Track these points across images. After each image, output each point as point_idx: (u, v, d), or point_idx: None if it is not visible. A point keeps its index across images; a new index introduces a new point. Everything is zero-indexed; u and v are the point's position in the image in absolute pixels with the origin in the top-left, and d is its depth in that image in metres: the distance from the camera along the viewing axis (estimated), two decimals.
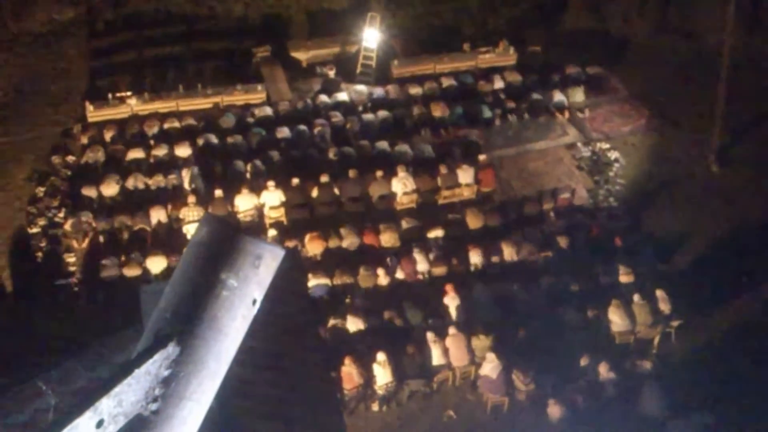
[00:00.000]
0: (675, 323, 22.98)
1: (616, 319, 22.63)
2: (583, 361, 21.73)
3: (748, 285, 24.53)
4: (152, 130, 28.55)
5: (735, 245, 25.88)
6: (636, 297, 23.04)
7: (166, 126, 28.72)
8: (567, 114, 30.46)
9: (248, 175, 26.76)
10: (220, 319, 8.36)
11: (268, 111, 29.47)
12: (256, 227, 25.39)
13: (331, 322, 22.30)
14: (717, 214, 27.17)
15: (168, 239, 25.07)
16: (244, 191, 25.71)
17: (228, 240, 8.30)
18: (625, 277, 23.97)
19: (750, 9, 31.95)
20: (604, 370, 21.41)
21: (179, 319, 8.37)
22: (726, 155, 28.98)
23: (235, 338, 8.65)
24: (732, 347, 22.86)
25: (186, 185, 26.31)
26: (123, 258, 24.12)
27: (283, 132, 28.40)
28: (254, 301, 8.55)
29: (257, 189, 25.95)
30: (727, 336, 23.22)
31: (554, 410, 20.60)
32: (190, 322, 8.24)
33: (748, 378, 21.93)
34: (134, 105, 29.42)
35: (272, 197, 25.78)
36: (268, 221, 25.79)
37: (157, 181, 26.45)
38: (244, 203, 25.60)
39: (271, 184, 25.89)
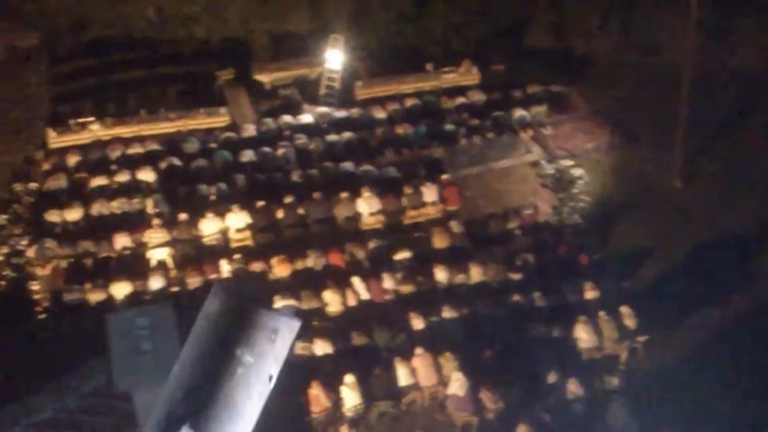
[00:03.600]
0: (641, 339, 23.10)
1: (583, 336, 22.72)
2: (551, 379, 21.76)
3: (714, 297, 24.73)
4: (115, 155, 28.38)
5: (699, 260, 26.06)
6: (602, 313, 23.16)
7: (129, 151, 28.58)
8: (530, 132, 30.55)
9: (213, 199, 26.63)
10: (235, 398, 7.98)
11: (232, 134, 29.40)
12: (222, 251, 25.27)
13: (299, 345, 22.17)
14: (681, 229, 27.31)
15: (133, 264, 24.88)
16: (209, 215, 25.62)
17: (242, 313, 7.91)
18: (590, 294, 24.07)
19: (711, 24, 32.19)
20: (572, 387, 21.48)
21: (192, 399, 8.01)
22: (690, 170, 29.17)
23: (251, 418, 8.24)
24: (698, 361, 22.98)
25: (150, 209, 26.13)
26: (87, 284, 23.91)
27: (248, 155, 28.33)
28: (270, 377, 8.18)
29: (222, 212, 25.84)
30: (693, 350, 23.35)
31: (522, 430, 20.56)
32: (204, 404, 7.89)
33: (715, 392, 22.05)
34: (97, 130, 29.26)
35: (237, 220, 25.70)
36: (233, 244, 25.67)
37: (121, 205, 26.25)
38: (209, 227, 25.50)
39: (236, 207, 25.80)
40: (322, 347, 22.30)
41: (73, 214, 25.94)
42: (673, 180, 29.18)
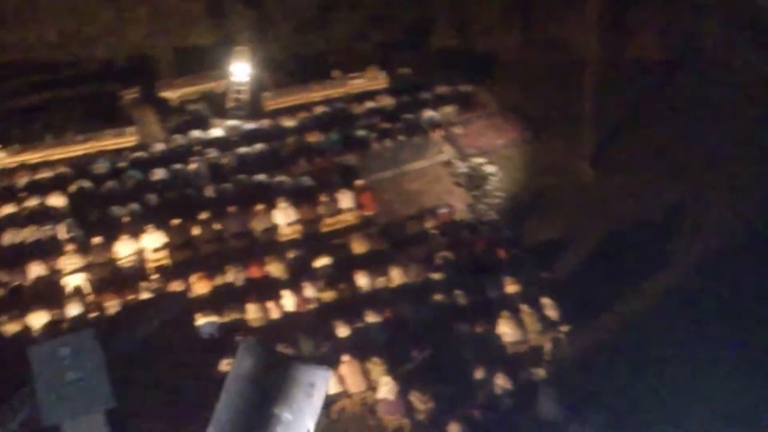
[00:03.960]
0: (564, 328, 23.35)
1: (507, 330, 22.89)
2: (478, 375, 21.89)
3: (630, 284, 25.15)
4: (23, 181, 27.83)
5: (614, 247, 26.47)
6: (524, 306, 23.37)
7: (37, 177, 28.03)
8: (441, 132, 30.73)
9: (126, 220, 26.26)
10: None
11: (141, 153, 29.06)
12: (139, 272, 24.95)
13: (224, 362, 21.96)
14: (594, 217, 27.70)
15: (48, 292, 24.40)
16: (124, 237, 25.26)
17: (277, 370, 7.65)
18: (511, 288, 24.26)
19: (614, 14, 32.81)
20: (499, 382, 21.63)
21: None
22: (599, 160, 29.64)
23: None
24: (620, 347, 23.36)
25: (62, 235, 25.66)
26: (3, 315, 23.37)
27: (159, 173, 28.01)
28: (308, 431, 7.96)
29: (137, 233, 25.49)
30: (615, 336, 23.71)
31: (454, 428, 20.66)
32: None
33: (639, 376, 22.47)
34: (2, 158, 28.66)
35: (153, 240, 25.37)
36: (150, 265, 25.34)
37: (33, 233, 25.74)
38: (125, 249, 25.14)
39: (150, 227, 25.48)
40: None
41: None
42: (583, 170, 29.58)
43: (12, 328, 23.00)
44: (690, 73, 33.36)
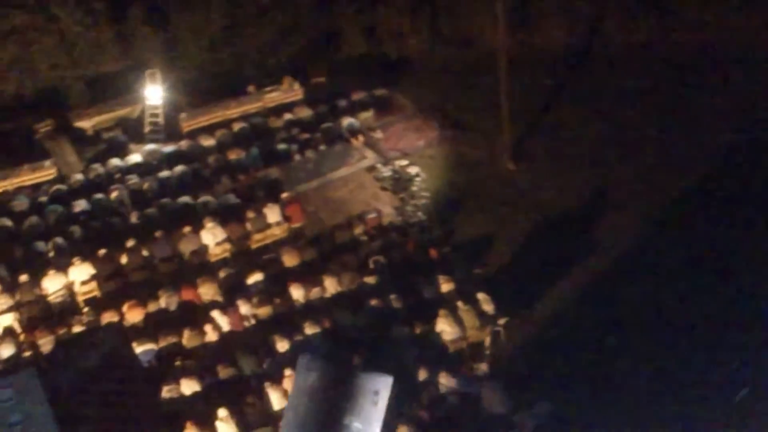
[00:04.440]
0: (501, 321, 23.55)
1: (446, 328, 23.02)
2: (422, 375, 21.96)
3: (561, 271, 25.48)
4: None
5: (542, 236, 26.82)
6: (459, 304, 23.52)
7: None
8: (361, 138, 30.81)
9: (51, 255, 25.83)
10: None
11: (61, 186, 28.62)
12: (70, 306, 24.57)
13: (165, 389, 21.74)
14: (520, 209, 28.05)
15: None
16: (51, 272, 24.82)
17: (343, 381, 7.54)
18: (445, 287, 24.42)
19: (519, 7, 33.27)
20: (443, 381, 21.73)
21: None
22: (520, 152, 29.96)
23: None
24: (557, 335, 23.64)
25: None
26: None
27: (81, 204, 27.59)
28: None
29: (64, 267, 25.08)
30: (551, 325, 24.00)
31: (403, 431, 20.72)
32: None
33: (577, 362, 22.79)
34: None
35: (81, 273, 24.98)
36: (81, 298, 24.96)
37: None
38: (53, 284, 24.69)
39: (77, 259, 25.09)
40: (189, 386, 21.91)
41: None
42: (505, 163, 29.88)
43: None
44: (596, 58, 33.96)
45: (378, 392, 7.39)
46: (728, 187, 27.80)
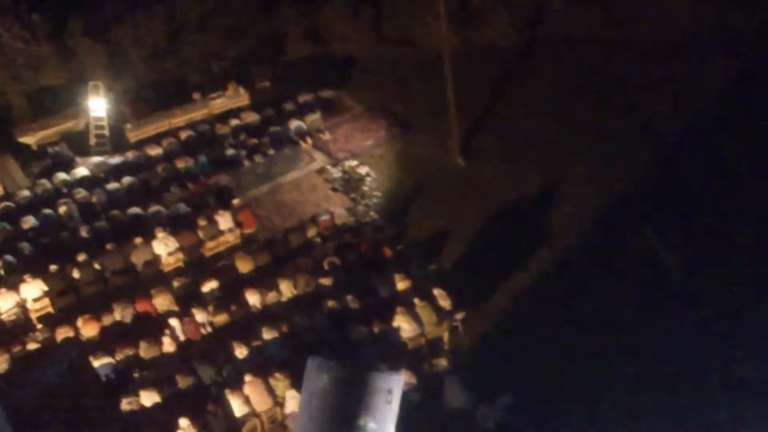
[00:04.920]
0: (459, 316, 23.65)
1: (404, 326, 23.05)
2: None
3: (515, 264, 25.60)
4: None
5: (494, 230, 26.94)
6: (416, 300, 23.55)
7: None
8: (310, 140, 30.75)
9: (1, 273, 25.48)
10: None
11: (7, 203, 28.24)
12: (24, 324, 24.26)
13: (125, 401, 21.55)
14: (471, 204, 28.12)
15: None
16: (2, 290, 24.49)
17: (356, 381, 7.42)
18: (401, 284, 24.45)
19: (460, 3, 33.38)
20: (404, 378, 21.67)
21: None
22: (468, 147, 30.06)
23: None
24: (514, 327, 23.77)
25: None
26: None
27: (29, 221, 27.19)
28: None
29: (15, 285, 24.73)
30: (509, 318, 24.11)
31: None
32: None
33: (536, 354, 22.95)
34: None
35: (32, 290, 24.65)
36: (34, 315, 24.64)
37: None
38: (5, 303, 24.34)
39: (27, 276, 24.77)
40: (149, 398, 21.77)
41: None
42: (454, 159, 29.97)
43: None
44: (540, 52, 34.17)
45: (391, 391, 7.36)
46: (679, 180, 28.04)
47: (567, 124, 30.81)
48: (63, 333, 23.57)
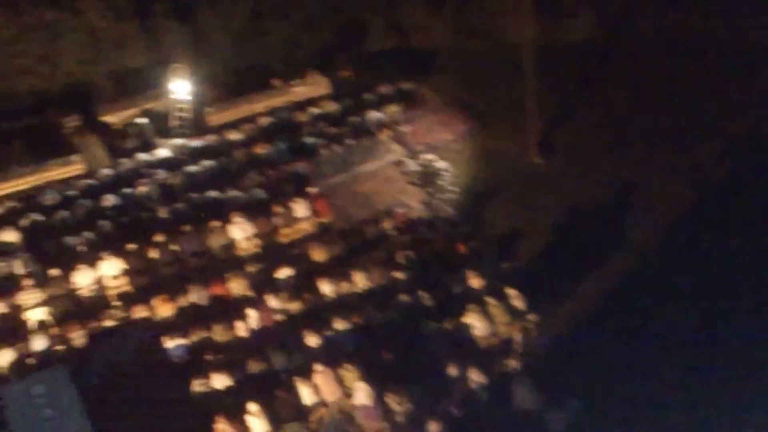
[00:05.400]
0: (531, 318, 23.49)
1: (476, 324, 23.00)
2: (452, 371, 21.97)
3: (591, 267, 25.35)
4: None
5: (570, 231, 26.75)
6: (489, 299, 23.47)
7: None
8: (388, 132, 30.75)
9: (82, 249, 25.94)
10: None
11: (89, 181, 28.71)
12: (101, 301, 24.68)
13: (197, 382, 21.83)
14: (548, 203, 27.97)
15: (11, 329, 24.01)
16: (81, 266, 24.96)
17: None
18: (475, 282, 24.37)
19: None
20: (474, 377, 21.73)
21: None
22: (547, 145, 29.86)
23: None
24: (587, 331, 23.58)
25: (19, 270, 25.27)
26: None
27: (109, 199, 27.66)
28: None
29: (94, 262, 25.19)
30: (582, 320, 23.93)
31: (433, 427, 20.77)
32: None
33: (608, 359, 22.73)
34: None
35: (111, 267, 25.10)
36: (111, 292, 25.06)
37: None
38: (83, 278, 24.84)
39: (106, 254, 25.21)
40: (220, 380, 22.03)
41: None
42: (532, 157, 29.80)
43: None
44: (623, 49, 33.80)
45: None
46: (760, 183, 27.59)
47: (650, 125, 30.46)
48: (139, 312, 23.95)
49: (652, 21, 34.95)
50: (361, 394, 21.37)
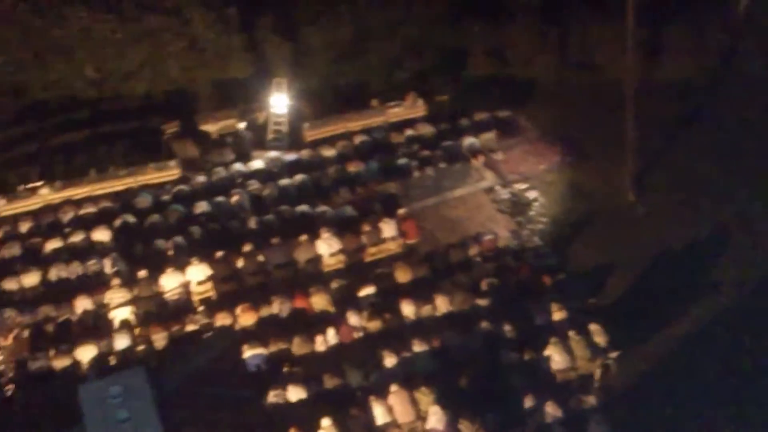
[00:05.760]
0: (613, 355, 23.09)
1: (556, 357, 22.70)
2: (528, 403, 21.72)
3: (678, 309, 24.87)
4: (67, 217, 28.00)
5: (660, 271, 26.29)
6: (571, 333, 23.16)
7: (81, 212, 28.20)
8: (482, 158, 30.66)
9: (171, 253, 26.37)
10: None
11: (183, 187, 29.22)
12: (185, 305, 25.03)
13: (272, 393, 21.94)
14: (638, 242, 27.48)
15: (95, 326, 24.49)
16: (169, 270, 25.36)
17: None
18: (558, 315, 24.08)
19: (647, 36, 32.71)
20: (550, 410, 21.44)
21: None
22: (642, 184, 29.44)
23: None
24: (670, 372, 23.15)
25: (108, 269, 25.80)
26: (51, 351, 23.46)
27: (201, 206, 28.11)
28: None
29: (182, 266, 25.58)
30: (665, 362, 23.49)
31: None
32: None
33: (688, 405, 22.27)
34: (46, 194, 28.82)
35: (198, 273, 25.45)
36: (196, 297, 25.42)
37: (78, 268, 25.89)
38: (170, 282, 25.23)
39: (195, 259, 25.57)
40: (295, 393, 22.09)
41: (31, 280, 25.51)
42: (625, 194, 29.40)
43: (61, 362, 23.08)
44: (728, 92, 33.20)
45: None
46: None
47: (750, 168, 29.82)
48: (222, 319, 24.22)
49: (757, 62, 34.31)
50: (434, 418, 21.21)
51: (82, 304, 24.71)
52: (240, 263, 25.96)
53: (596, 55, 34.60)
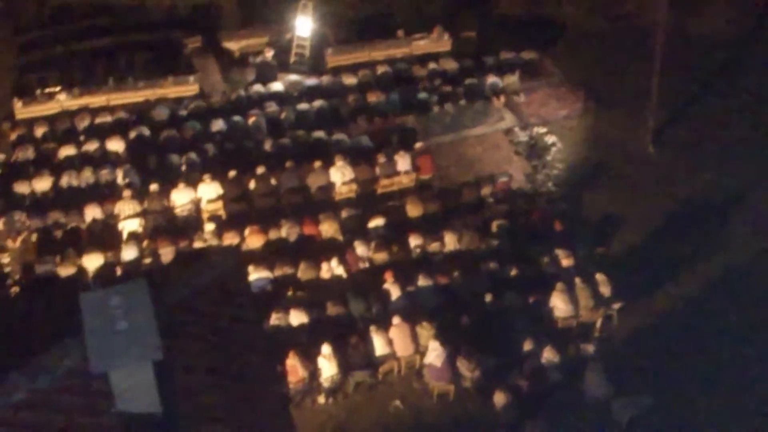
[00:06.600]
0: (616, 306, 23.03)
1: (559, 304, 22.63)
2: (527, 346, 21.75)
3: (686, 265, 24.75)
4: (83, 124, 27.97)
5: (671, 226, 26.11)
6: (577, 281, 23.07)
7: (97, 121, 28.15)
8: (503, 99, 30.37)
9: (184, 169, 26.33)
10: None
11: (201, 103, 29.09)
12: (194, 222, 25.05)
13: (274, 316, 22.00)
14: (653, 195, 27.29)
15: (103, 236, 24.58)
16: (181, 185, 25.36)
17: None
18: (565, 262, 23.97)
19: None
20: (547, 354, 21.47)
21: None
22: (661, 136, 29.16)
23: None
24: (672, 328, 23.06)
25: (120, 180, 25.81)
26: (58, 257, 23.57)
27: (218, 124, 27.99)
28: None
29: (193, 182, 25.56)
30: (667, 317, 23.41)
31: (500, 397, 20.64)
32: None
33: (688, 359, 22.21)
34: (64, 100, 28.78)
35: (209, 191, 25.43)
36: (205, 215, 25.44)
37: (90, 176, 25.92)
38: (181, 197, 25.24)
39: (207, 177, 25.54)
40: (297, 317, 22.13)
41: (42, 185, 25.60)
42: (645, 145, 29.12)
43: (67, 269, 23.20)
44: (761, 49, 32.71)
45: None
46: None
47: None
48: (229, 238, 24.21)
49: None
50: (434, 354, 21.27)
51: (92, 212, 24.78)
52: (252, 184, 25.90)
53: (628, 2, 34.09)
